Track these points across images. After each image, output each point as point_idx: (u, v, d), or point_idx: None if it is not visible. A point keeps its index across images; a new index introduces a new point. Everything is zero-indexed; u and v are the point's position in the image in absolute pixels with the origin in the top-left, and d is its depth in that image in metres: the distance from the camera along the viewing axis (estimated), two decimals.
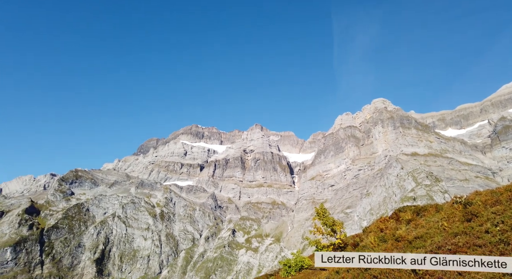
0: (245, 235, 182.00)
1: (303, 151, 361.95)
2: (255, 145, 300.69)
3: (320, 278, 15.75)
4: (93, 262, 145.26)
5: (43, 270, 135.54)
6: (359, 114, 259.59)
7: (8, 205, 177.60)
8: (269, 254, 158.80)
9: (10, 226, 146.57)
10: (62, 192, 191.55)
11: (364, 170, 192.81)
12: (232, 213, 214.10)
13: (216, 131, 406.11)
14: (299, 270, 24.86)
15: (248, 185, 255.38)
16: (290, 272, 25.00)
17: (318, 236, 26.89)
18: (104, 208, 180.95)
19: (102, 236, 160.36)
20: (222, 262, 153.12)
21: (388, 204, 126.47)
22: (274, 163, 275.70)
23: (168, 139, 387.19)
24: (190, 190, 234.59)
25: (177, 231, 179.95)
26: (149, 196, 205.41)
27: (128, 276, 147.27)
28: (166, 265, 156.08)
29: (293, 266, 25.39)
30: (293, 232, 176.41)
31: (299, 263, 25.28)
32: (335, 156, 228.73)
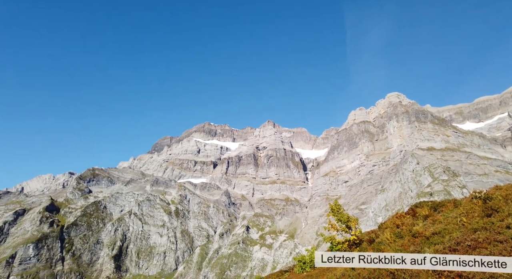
0: (259, 232, 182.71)
1: (316, 147, 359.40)
2: (268, 141, 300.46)
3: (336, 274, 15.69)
4: (111, 258, 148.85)
5: (64, 266, 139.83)
6: (373, 109, 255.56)
7: (29, 203, 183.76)
8: (283, 251, 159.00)
9: (32, 223, 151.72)
10: (80, 190, 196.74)
11: (378, 165, 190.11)
12: (245, 210, 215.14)
13: (228, 128, 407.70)
14: (314, 267, 24.81)
15: (261, 182, 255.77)
16: (305, 269, 24.96)
17: (332, 232, 26.72)
18: (120, 206, 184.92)
19: (119, 233, 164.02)
20: (237, 258, 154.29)
21: (404, 200, 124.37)
22: (287, 160, 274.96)
23: (182, 137, 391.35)
24: (204, 187, 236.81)
25: (192, 227, 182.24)
26: (164, 193, 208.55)
27: (145, 272, 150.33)
28: (182, 261, 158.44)
29: (308, 263, 25.33)
30: (307, 228, 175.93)
31: (313, 259, 25.22)
32: (348, 151, 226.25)
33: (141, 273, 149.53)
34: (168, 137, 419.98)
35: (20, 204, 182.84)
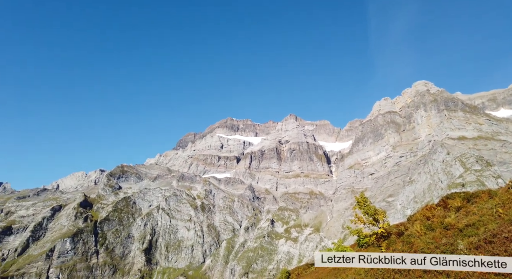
0: (284, 225, 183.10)
1: (339, 140, 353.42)
2: (290, 135, 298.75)
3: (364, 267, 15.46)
4: (142, 251, 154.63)
5: (99, 259, 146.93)
6: (398, 99, 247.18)
7: (65, 199, 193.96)
8: (309, 244, 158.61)
9: (67, 218, 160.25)
10: (110, 186, 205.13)
11: (406, 156, 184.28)
12: (270, 204, 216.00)
13: (250, 123, 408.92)
14: None
15: (285, 176, 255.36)
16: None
17: (359, 225, 26.35)
18: (149, 201, 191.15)
19: (148, 227, 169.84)
20: (263, 251, 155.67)
21: (434, 191, 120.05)
22: (310, 153, 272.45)
23: (205, 133, 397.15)
24: (228, 182, 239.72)
25: (218, 221, 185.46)
26: (189, 188, 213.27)
27: (174, 265, 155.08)
28: (209, 254, 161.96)
29: None
30: (333, 221, 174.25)
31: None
32: (374, 143, 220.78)
33: (171, 266, 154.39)
34: (192, 133, 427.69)
35: (56, 200, 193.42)
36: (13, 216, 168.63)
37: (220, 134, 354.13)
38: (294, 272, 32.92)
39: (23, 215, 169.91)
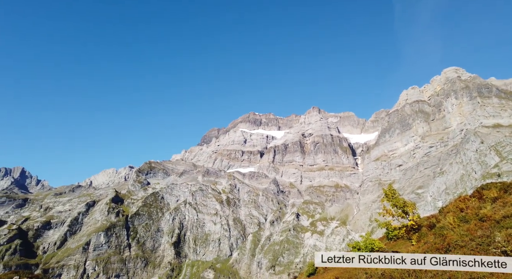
0: (309, 219, 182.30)
1: (365, 131, 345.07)
2: (313, 128, 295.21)
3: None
4: (171, 245, 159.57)
5: (131, 252, 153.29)
6: (427, 87, 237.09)
7: (97, 195, 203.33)
8: (335, 237, 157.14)
9: (101, 213, 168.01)
10: (139, 182, 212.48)
11: (436, 146, 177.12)
12: (294, 197, 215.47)
13: (273, 117, 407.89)
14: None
15: (309, 169, 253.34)
16: None
17: (387, 218, 25.75)
18: (176, 196, 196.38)
19: (177, 221, 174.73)
20: (289, 245, 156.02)
21: (467, 182, 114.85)
22: (335, 145, 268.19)
23: (228, 128, 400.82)
24: (252, 176, 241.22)
25: (243, 215, 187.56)
26: (214, 183, 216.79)
27: (202, 258, 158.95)
28: (236, 247, 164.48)
29: (362, 249, 24.72)
30: (360, 214, 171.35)
31: (369, 246, 24.51)
32: (401, 134, 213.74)
33: (199, 259, 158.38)
34: (215, 129, 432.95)
35: (90, 196, 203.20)
36: (52, 212, 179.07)
37: (243, 129, 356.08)
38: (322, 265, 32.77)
39: (60, 211, 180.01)
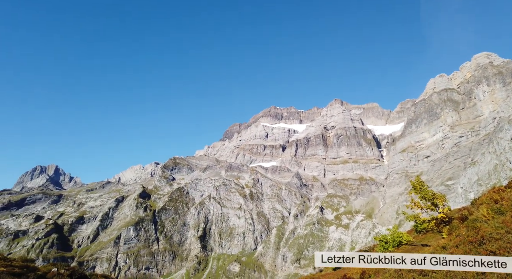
0: (333, 212, 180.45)
1: (390, 122, 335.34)
2: (336, 120, 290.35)
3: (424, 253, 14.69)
4: (198, 238, 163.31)
5: (159, 246, 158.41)
6: (456, 75, 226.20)
7: (126, 191, 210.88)
8: (361, 231, 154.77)
9: (130, 208, 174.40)
10: (165, 178, 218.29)
11: (466, 136, 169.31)
12: (318, 191, 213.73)
13: (294, 110, 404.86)
14: (398, 246, 23.63)
15: (332, 162, 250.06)
16: (387, 248, 23.96)
17: (416, 210, 25.01)
18: (200, 191, 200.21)
19: (202, 215, 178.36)
20: (313, 238, 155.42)
21: (501, 173, 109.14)
22: (358, 138, 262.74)
23: (249, 123, 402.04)
24: (275, 170, 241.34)
25: (267, 209, 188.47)
26: (237, 178, 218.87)
27: (228, 251, 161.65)
28: (260, 241, 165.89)
29: (390, 242, 24.24)
30: (386, 207, 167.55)
31: (397, 239, 23.99)
32: (429, 124, 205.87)
33: (225, 252, 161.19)
34: (237, 124, 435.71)
35: (119, 192, 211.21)
36: (84, 207, 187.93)
37: (264, 123, 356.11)
38: None
39: (92, 206, 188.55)
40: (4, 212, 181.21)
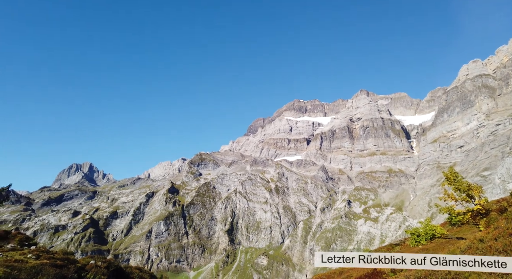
0: (361, 205, 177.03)
1: (419, 112, 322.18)
2: (362, 112, 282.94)
3: (459, 246, 14.13)
4: (225, 232, 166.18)
5: (189, 239, 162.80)
6: (491, 59, 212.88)
7: (155, 186, 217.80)
8: (391, 224, 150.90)
9: (159, 203, 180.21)
10: (192, 173, 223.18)
11: (504, 124, 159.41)
12: (345, 184, 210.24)
13: (318, 103, 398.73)
14: (430, 239, 22.84)
15: (359, 155, 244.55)
16: (419, 241, 23.21)
17: (449, 202, 24.00)
18: (226, 185, 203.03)
19: (229, 210, 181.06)
20: (341, 232, 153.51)
21: None
22: (386, 129, 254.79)
23: (273, 117, 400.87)
24: (300, 164, 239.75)
25: (293, 203, 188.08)
26: (263, 172, 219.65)
27: (255, 245, 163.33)
28: (287, 235, 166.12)
29: (422, 235, 23.46)
30: (417, 200, 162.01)
31: (429, 232, 23.18)
32: (462, 112, 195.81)
33: (252, 246, 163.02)
34: (260, 119, 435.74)
35: (149, 187, 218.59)
36: (117, 203, 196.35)
37: (288, 117, 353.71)
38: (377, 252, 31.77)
39: (124, 201, 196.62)
40: (45, 208, 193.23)
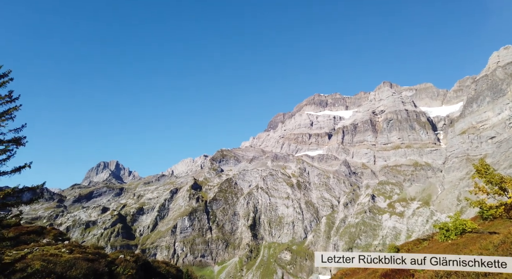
0: (386, 200, 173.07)
1: (446, 103, 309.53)
2: (385, 104, 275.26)
3: (492, 241, 13.55)
4: (248, 227, 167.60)
5: (212, 234, 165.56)
6: None
7: (179, 183, 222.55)
8: (417, 219, 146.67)
9: (183, 199, 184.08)
10: (214, 169, 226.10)
11: None
12: (368, 178, 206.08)
13: (339, 97, 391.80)
14: (461, 234, 21.99)
15: (383, 148, 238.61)
16: (449, 236, 22.41)
17: (480, 196, 22.99)
18: (248, 181, 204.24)
19: (251, 205, 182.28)
20: (365, 227, 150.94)
21: None
22: (411, 121, 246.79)
23: (293, 112, 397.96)
24: (321, 158, 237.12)
25: (315, 198, 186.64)
26: (284, 167, 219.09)
27: (278, 240, 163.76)
28: (310, 230, 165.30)
29: (452, 230, 22.62)
30: (445, 194, 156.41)
31: (459, 226, 22.30)
32: (492, 102, 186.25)
33: (275, 241, 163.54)
34: (280, 114, 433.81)
35: (172, 184, 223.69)
36: (143, 199, 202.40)
37: (308, 111, 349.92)
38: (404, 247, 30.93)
39: (150, 198, 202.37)
40: (76, 204, 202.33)
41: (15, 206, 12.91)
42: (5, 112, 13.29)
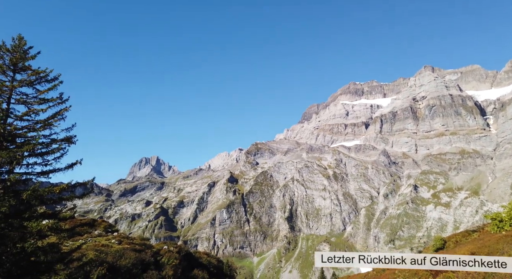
0: (430, 190, 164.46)
1: (496, 85, 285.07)
2: (427, 89, 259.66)
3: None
4: (285, 220, 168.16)
5: (250, 226, 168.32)
6: None
7: (216, 176, 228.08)
8: (465, 209, 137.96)
9: (221, 193, 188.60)
10: (249, 163, 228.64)
11: None
12: (409, 168, 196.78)
13: (376, 84, 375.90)
14: None
15: (425, 136, 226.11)
16: (502, 227, 20.87)
17: None
18: (283, 174, 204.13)
19: (287, 197, 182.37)
20: (408, 218, 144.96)
21: None
22: (456, 106, 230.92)
23: (328, 102, 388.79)
24: (358, 149, 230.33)
25: (353, 190, 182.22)
26: (319, 159, 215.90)
27: (316, 232, 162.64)
28: (349, 222, 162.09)
29: (506, 220, 21.03)
30: (496, 182, 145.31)
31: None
32: None
33: (313, 233, 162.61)
34: (314, 105, 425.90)
35: (210, 178, 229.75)
36: (183, 193, 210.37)
37: (343, 101, 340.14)
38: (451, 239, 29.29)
39: (189, 191, 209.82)
40: (122, 199, 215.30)
41: (69, 200, 13.98)
42: (57, 113, 14.36)
